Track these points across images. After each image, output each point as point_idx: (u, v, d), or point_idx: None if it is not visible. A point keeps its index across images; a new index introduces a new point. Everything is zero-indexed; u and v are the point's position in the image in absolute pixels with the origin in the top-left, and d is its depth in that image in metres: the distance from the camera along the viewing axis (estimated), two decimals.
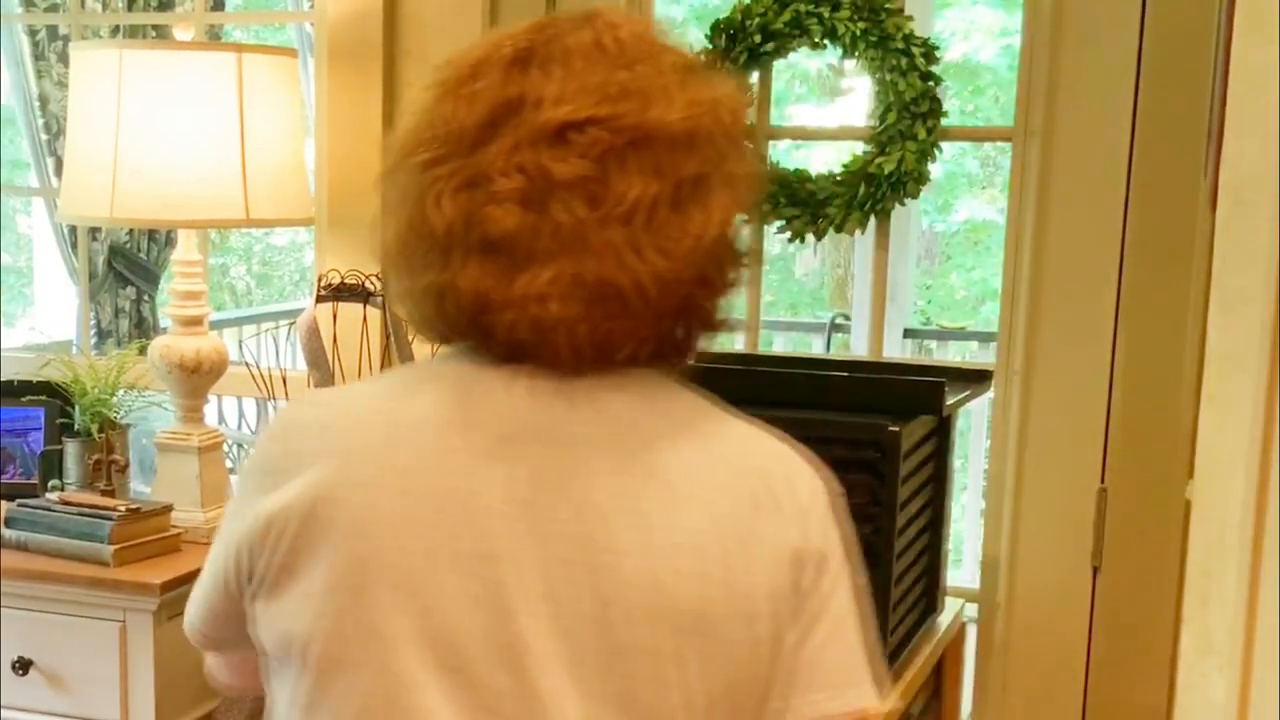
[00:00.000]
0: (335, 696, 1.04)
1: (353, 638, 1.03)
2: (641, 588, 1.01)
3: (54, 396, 2.80)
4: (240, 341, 4.23)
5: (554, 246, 1.01)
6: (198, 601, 1.20)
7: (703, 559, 1.02)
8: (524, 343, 1.03)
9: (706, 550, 1.02)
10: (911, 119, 2.42)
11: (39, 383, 2.82)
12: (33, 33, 3.33)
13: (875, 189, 2.45)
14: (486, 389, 1.06)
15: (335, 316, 2.51)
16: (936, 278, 8.51)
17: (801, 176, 2.54)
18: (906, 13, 2.46)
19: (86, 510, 2.40)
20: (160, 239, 3.44)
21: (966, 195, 7.95)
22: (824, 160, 6.28)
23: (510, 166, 1.02)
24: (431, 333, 1.10)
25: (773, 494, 1.06)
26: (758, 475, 1.06)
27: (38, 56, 3.35)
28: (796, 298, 8.60)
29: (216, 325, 4.38)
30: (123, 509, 2.34)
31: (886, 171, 2.42)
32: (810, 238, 2.54)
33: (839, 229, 2.50)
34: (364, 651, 1.03)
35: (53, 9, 3.41)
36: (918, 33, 2.45)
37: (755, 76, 2.57)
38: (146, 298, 3.50)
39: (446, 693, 1.02)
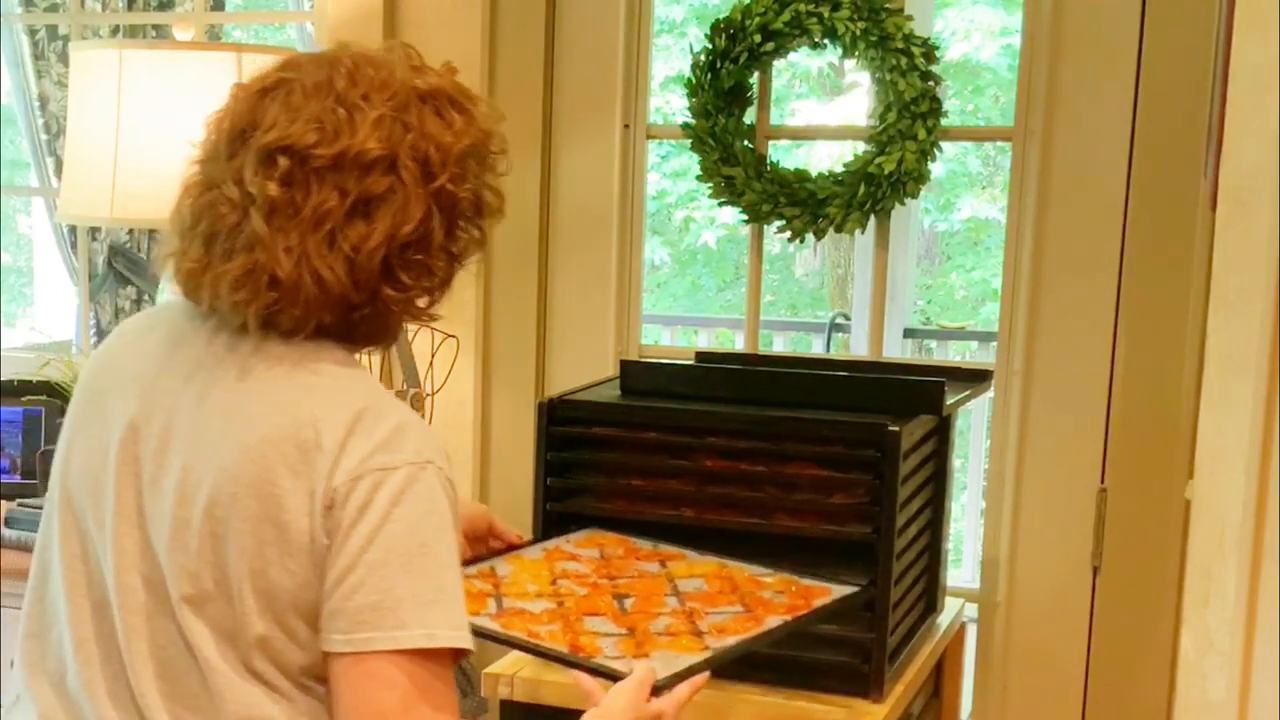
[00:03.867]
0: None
1: (57, 460, 1.43)
2: (189, 470, 1.30)
3: (54, 396, 2.80)
4: None
5: (244, 245, 1.29)
6: None
7: (238, 465, 1.28)
8: (214, 309, 1.34)
9: (248, 462, 1.28)
10: (911, 119, 2.42)
11: (39, 383, 2.82)
12: (33, 33, 3.33)
13: (875, 189, 2.44)
14: (189, 329, 1.38)
15: None
16: (936, 278, 8.50)
17: (801, 176, 2.53)
18: (906, 13, 2.46)
19: None
20: (160, 239, 3.44)
21: (968, 194, 7.95)
22: (827, 155, 6.29)
23: (236, 178, 1.31)
24: (175, 285, 1.40)
25: (320, 443, 1.27)
26: (313, 426, 1.28)
27: (38, 56, 3.35)
28: (796, 298, 8.60)
29: None
30: None
31: (886, 171, 2.42)
32: (810, 238, 2.54)
33: (839, 229, 2.50)
34: (53, 471, 1.43)
35: (53, 9, 3.41)
36: (918, 33, 2.45)
37: (755, 76, 2.57)
38: (146, 298, 3.50)
39: (61, 508, 1.40)
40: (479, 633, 1.60)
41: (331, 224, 1.28)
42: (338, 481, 1.27)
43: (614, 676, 1.50)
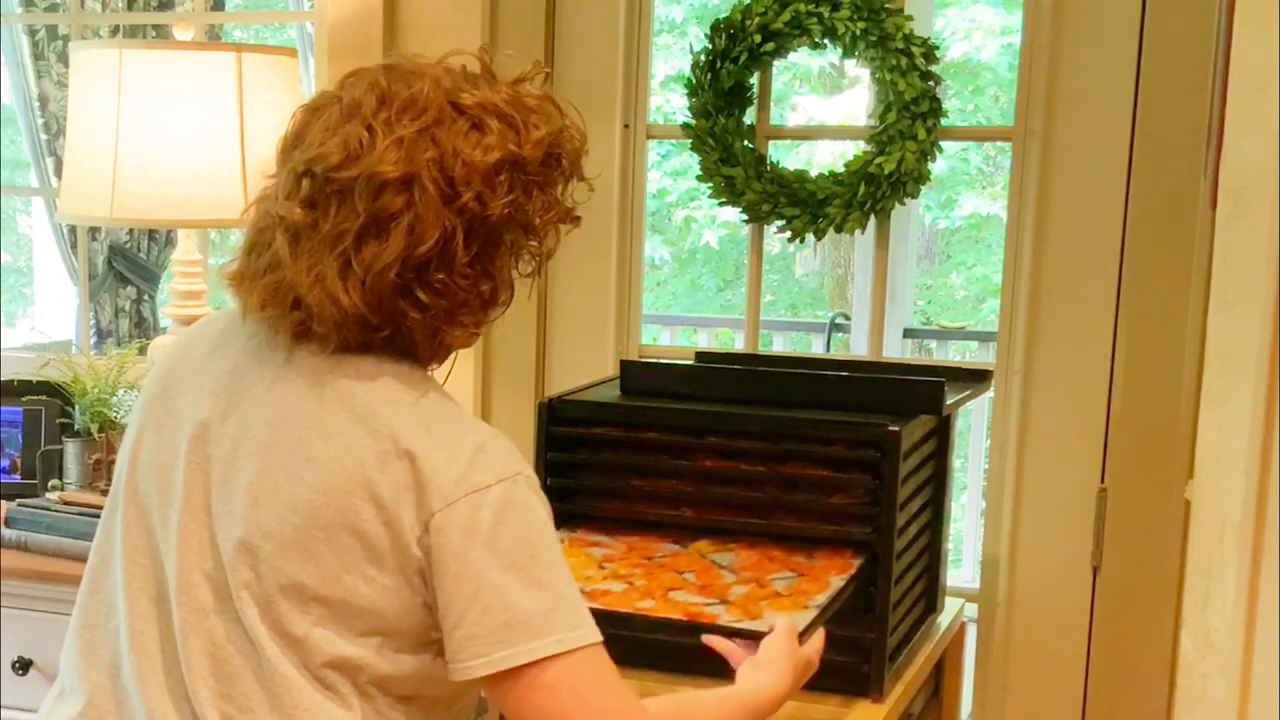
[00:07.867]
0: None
1: (123, 454, 1.45)
2: (265, 474, 1.31)
3: (54, 396, 2.80)
4: None
5: (272, 263, 1.33)
6: None
7: (315, 474, 1.29)
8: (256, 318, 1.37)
9: (326, 472, 1.29)
10: (911, 119, 2.42)
11: (39, 383, 2.82)
12: (33, 33, 3.33)
13: (875, 189, 2.44)
14: (245, 333, 1.41)
15: None
16: (937, 277, 8.51)
17: (801, 176, 2.53)
18: (906, 12, 2.46)
19: (86, 510, 2.40)
20: (160, 239, 3.44)
21: (969, 191, 7.95)
22: (829, 153, 6.29)
23: (275, 195, 1.34)
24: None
25: (399, 452, 1.29)
26: (391, 439, 1.30)
27: (38, 56, 3.35)
28: (796, 298, 8.60)
29: None
30: None
31: (886, 171, 2.42)
32: (810, 238, 2.54)
33: (839, 229, 2.50)
34: (119, 465, 1.45)
35: (53, 9, 3.41)
36: (918, 32, 2.45)
37: (755, 76, 2.57)
38: (146, 298, 3.50)
39: (126, 501, 1.41)
40: (603, 615, 1.46)
41: (345, 245, 1.29)
42: (435, 505, 1.28)
43: (756, 635, 1.58)
